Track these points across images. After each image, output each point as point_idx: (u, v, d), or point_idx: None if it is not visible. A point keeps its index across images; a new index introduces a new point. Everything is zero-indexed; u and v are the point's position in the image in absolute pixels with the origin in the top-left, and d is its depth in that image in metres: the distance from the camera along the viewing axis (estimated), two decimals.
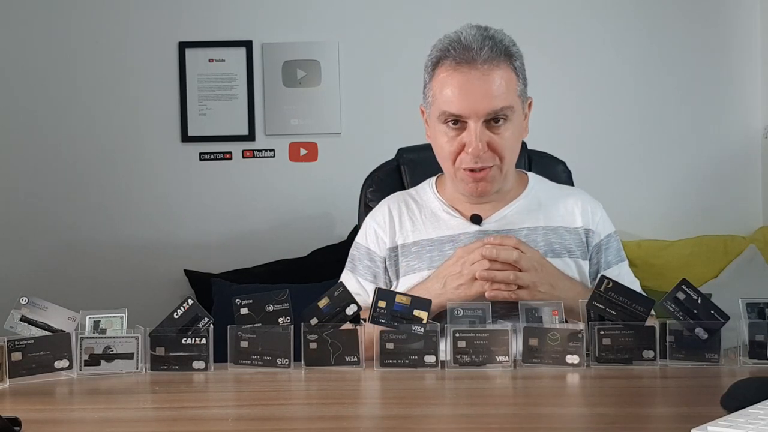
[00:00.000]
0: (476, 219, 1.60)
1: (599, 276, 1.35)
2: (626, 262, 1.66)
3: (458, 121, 1.52)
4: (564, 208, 1.64)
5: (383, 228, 1.66)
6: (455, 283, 1.47)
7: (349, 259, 1.69)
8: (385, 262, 1.64)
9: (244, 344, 1.33)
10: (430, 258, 1.59)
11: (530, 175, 1.72)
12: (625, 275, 1.61)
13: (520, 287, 1.44)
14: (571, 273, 1.56)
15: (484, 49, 1.48)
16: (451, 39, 1.52)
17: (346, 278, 1.66)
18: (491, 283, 1.45)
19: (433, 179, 1.72)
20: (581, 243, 1.61)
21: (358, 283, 1.64)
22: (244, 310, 1.35)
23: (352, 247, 1.70)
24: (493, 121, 1.50)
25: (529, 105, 1.62)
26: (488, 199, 1.62)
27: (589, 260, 1.62)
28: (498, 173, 1.56)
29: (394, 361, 1.30)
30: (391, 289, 1.62)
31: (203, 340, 1.32)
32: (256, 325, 1.34)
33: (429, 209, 1.66)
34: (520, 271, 1.45)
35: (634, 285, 1.61)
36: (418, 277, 1.58)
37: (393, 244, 1.65)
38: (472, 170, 1.53)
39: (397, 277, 1.63)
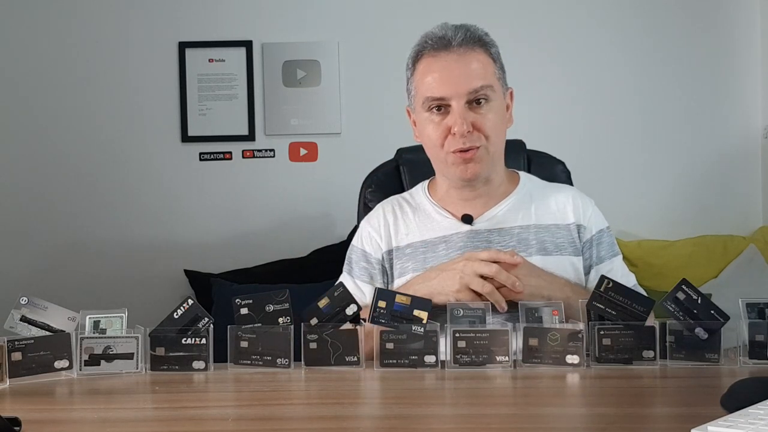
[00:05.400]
0: (467, 219, 1.61)
1: (599, 276, 1.35)
2: (620, 257, 1.65)
3: (441, 107, 1.55)
4: (555, 204, 1.64)
5: (378, 231, 1.67)
6: (450, 283, 1.47)
7: (345, 262, 1.70)
8: (382, 264, 1.65)
9: (244, 344, 1.33)
10: (423, 259, 1.60)
11: (521, 173, 1.72)
12: (618, 270, 1.61)
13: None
14: (564, 270, 1.57)
15: (458, 35, 1.55)
16: (426, 34, 1.59)
17: (343, 280, 1.67)
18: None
19: (426, 182, 1.73)
20: (573, 239, 1.61)
21: (355, 284, 1.64)
22: (244, 310, 1.35)
23: (349, 250, 1.71)
24: (475, 102, 1.54)
25: (511, 95, 1.65)
26: (479, 192, 1.62)
27: (582, 255, 1.62)
28: (486, 154, 1.56)
29: (394, 361, 1.30)
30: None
31: (203, 340, 1.32)
32: (256, 325, 1.34)
33: (422, 211, 1.67)
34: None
35: (629, 278, 1.61)
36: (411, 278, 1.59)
37: (389, 247, 1.65)
38: (460, 151, 1.54)
39: (393, 279, 1.64)
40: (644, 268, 2.90)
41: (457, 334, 1.29)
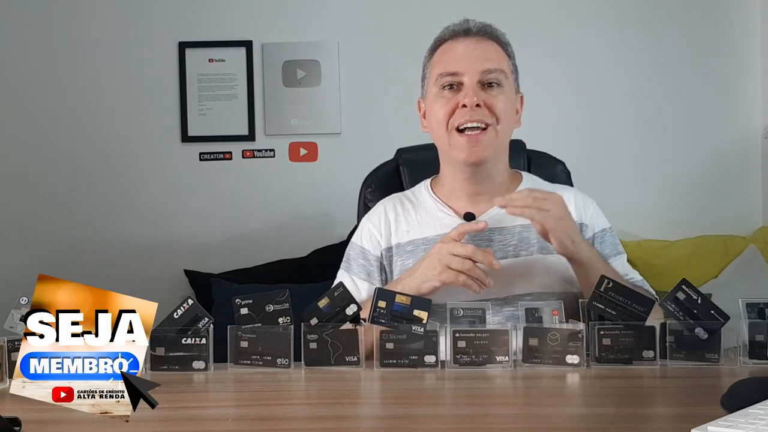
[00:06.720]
0: (469, 217, 1.61)
1: (599, 276, 1.35)
2: (624, 256, 1.66)
3: (454, 84, 1.58)
4: None
5: (378, 229, 1.67)
6: (431, 267, 1.47)
7: (344, 259, 1.71)
8: (381, 262, 1.66)
9: (244, 344, 1.33)
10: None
11: (524, 173, 1.73)
12: (621, 268, 1.61)
13: (544, 230, 1.47)
14: (565, 269, 1.57)
15: (479, 25, 1.62)
16: (447, 26, 1.65)
17: (341, 277, 1.68)
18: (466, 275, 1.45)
19: (429, 180, 1.74)
20: None
21: (352, 281, 1.65)
22: (244, 310, 1.35)
23: (348, 247, 1.72)
24: (487, 84, 1.57)
25: (521, 100, 1.66)
26: (481, 188, 1.62)
27: None
28: (494, 136, 1.57)
29: (394, 361, 1.30)
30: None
31: (203, 340, 1.32)
32: (256, 325, 1.34)
33: (424, 208, 1.68)
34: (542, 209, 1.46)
35: (634, 275, 1.62)
36: None
37: (388, 244, 1.66)
38: (467, 132, 1.56)
39: (393, 277, 1.64)
40: (644, 268, 2.88)
41: (457, 334, 1.29)
